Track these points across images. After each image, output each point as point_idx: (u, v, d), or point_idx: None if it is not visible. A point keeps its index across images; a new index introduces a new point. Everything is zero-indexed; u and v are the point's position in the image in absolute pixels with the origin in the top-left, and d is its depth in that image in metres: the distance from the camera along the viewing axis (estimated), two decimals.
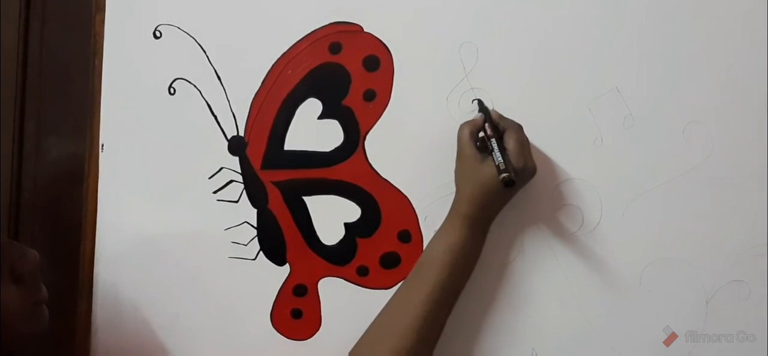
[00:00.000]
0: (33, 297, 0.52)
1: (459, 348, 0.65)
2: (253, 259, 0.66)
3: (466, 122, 0.61)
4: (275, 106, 0.65)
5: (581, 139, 0.64)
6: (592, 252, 0.64)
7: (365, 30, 0.64)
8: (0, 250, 0.50)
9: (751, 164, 0.63)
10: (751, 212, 0.63)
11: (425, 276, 0.59)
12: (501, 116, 0.61)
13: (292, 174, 0.65)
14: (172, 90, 0.66)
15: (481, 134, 0.60)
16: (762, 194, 0.63)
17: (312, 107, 0.65)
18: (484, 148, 0.60)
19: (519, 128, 0.60)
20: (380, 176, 0.65)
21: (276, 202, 0.66)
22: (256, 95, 0.65)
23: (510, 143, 0.58)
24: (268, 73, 0.65)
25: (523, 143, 0.59)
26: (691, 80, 0.63)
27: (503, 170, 0.55)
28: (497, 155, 0.56)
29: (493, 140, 0.58)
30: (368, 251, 0.66)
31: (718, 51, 0.63)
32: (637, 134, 0.63)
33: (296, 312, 0.66)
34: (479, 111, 0.62)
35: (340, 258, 0.66)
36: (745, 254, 0.63)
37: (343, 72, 0.65)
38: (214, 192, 0.66)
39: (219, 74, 0.65)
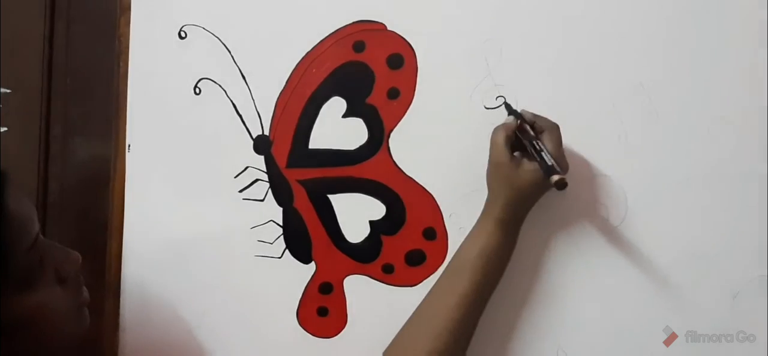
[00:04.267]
0: (77, 299, 0.53)
1: (485, 346, 0.65)
2: (279, 257, 0.66)
3: (500, 126, 0.60)
4: (300, 105, 0.65)
5: (606, 135, 0.63)
6: (617, 248, 0.64)
7: (388, 28, 0.64)
8: (45, 252, 0.51)
9: None
10: None
11: (459, 279, 0.59)
12: (536, 116, 0.60)
13: (317, 173, 0.66)
14: (197, 90, 0.66)
15: (521, 139, 0.59)
16: None
17: (336, 105, 0.65)
18: (521, 150, 0.59)
19: (556, 127, 0.59)
20: (405, 173, 0.65)
21: (301, 200, 0.66)
22: (280, 94, 0.65)
23: (549, 144, 0.58)
24: (292, 72, 0.65)
25: (559, 143, 0.59)
26: (715, 75, 0.62)
27: (555, 171, 0.54)
28: (547, 157, 0.56)
29: (538, 142, 0.57)
30: (393, 248, 0.66)
31: (742, 46, 0.62)
32: (661, 130, 0.63)
33: (322, 310, 0.66)
34: (509, 114, 0.62)
35: (366, 256, 0.66)
36: None
37: (366, 70, 0.65)
38: (240, 191, 0.66)
39: (244, 74, 0.66)
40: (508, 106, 0.63)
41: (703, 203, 0.63)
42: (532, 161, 0.57)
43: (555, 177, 0.53)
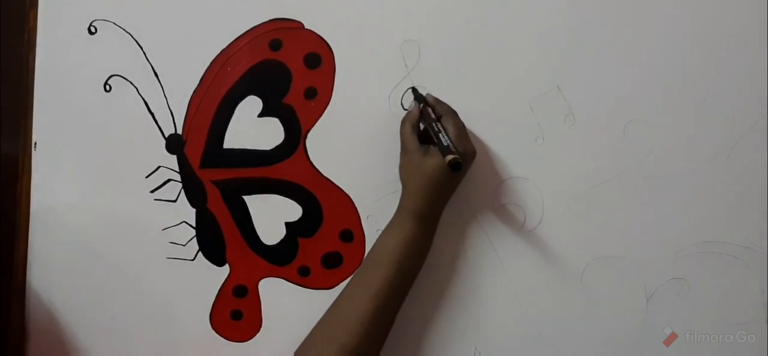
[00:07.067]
0: None
1: (400, 345, 0.64)
2: (192, 259, 0.65)
3: (406, 117, 0.61)
4: (214, 103, 0.64)
5: (523, 137, 0.63)
6: (533, 251, 0.64)
7: (306, 27, 0.63)
8: None
9: (691, 162, 0.63)
10: (691, 210, 0.64)
11: (374, 272, 0.58)
12: (437, 100, 0.61)
13: (232, 173, 0.64)
14: (107, 87, 0.64)
15: (422, 125, 0.60)
16: (701, 192, 0.63)
17: (252, 104, 0.64)
18: (426, 138, 0.59)
19: (454, 113, 0.60)
20: (322, 174, 0.64)
21: (215, 201, 0.64)
22: (194, 92, 0.64)
23: (448, 128, 0.58)
24: (206, 71, 0.64)
25: (460, 127, 0.59)
26: (631, 79, 0.63)
27: (450, 151, 0.54)
28: (444, 137, 0.56)
29: (437, 124, 0.57)
30: (310, 251, 0.65)
31: (657, 50, 0.63)
32: (578, 133, 0.63)
33: (236, 314, 0.65)
34: (414, 99, 0.62)
35: (281, 258, 0.65)
36: (684, 252, 0.64)
37: (283, 69, 0.64)
38: (152, 191, 0.64)
39: (156, 71, 0.64)
40: (414, 90, 0.63)
41: (618, 206, 0.64)
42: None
43: (449, 157, 0.53)
